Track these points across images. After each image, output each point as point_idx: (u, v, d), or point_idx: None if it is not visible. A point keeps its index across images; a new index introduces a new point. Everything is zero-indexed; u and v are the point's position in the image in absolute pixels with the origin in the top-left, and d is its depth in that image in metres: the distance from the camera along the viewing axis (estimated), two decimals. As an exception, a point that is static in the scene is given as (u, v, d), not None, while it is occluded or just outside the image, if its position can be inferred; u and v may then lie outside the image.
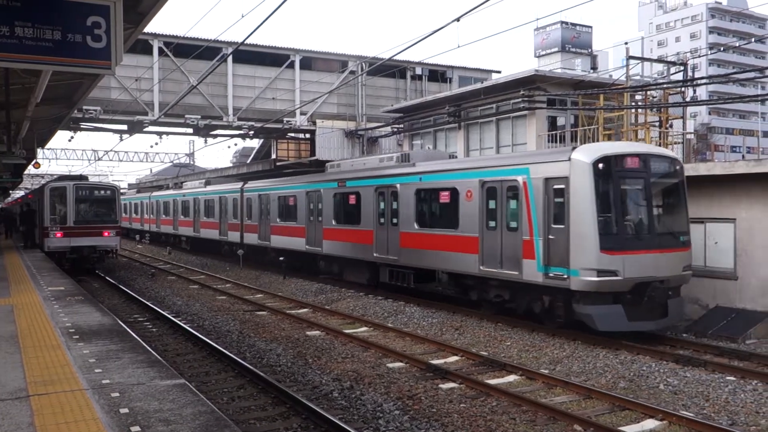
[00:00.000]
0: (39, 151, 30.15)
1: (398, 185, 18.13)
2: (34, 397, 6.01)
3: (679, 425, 8.19)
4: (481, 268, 14.81)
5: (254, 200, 27.85)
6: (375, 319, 15.71)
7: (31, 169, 36.54)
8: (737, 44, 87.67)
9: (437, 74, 37.80)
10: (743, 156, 50.99)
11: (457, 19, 12.86)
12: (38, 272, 17.33)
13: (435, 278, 19.06)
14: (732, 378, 9.98)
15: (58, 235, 23.67)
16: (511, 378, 10.51)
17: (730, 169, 14.52)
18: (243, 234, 28.71)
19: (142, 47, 28.99)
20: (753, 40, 74.88)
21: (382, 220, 18.89)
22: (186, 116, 30.42)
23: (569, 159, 12.65)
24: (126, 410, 5.60)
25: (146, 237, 47.22)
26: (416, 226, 17.33)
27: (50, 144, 39.31)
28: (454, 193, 15.94)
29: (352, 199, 20.48)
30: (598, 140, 21.83)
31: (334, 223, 21.47)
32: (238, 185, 30.01)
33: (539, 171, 13.32)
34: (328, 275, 22.43)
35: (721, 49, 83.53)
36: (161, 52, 29.90)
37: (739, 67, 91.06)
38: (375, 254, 19.00)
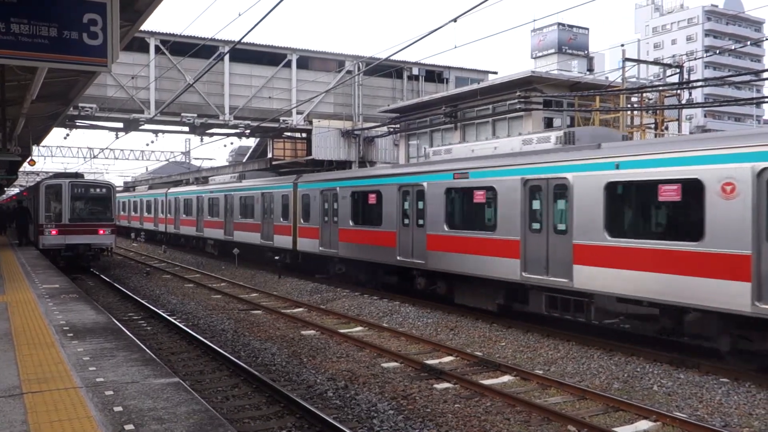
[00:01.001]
0: (34, 148, 30.04)
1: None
2: (28, 395, 5.99)
3: (673, 426, 8.21)
4: None
5: (314, 197, 22.03)
6: (370, 318, 15.71)
7: (26, 167, 36.43)
8: (733, 47, 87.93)
9: (434, 74, 37.85)
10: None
11: (455, 20, 12.88)
12: (33, 270, 17.28)
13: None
14: (725, 380, 10.00)
15: (53, 232, 23.61)
16: (506, 378, 10.53)
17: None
18: (296, 239, 23.34)
19: (139, 45, 28.97)
20: (749, 43, 75.12)
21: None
22: (182, 114, 30.40)
23: None
24: (120, 408, 5.59)
25: (162, 243, 39.44)
26: None
27: (45, 141, 39.20)
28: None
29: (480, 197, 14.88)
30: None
31: (446, 228, 15.72)
32: (290, 179, 24.45)
33: None
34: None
35: (717, 51, 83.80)
36: (158, 50, 29.87)
37: (734, 70, 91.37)
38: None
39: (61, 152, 56.10)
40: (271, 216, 25.21)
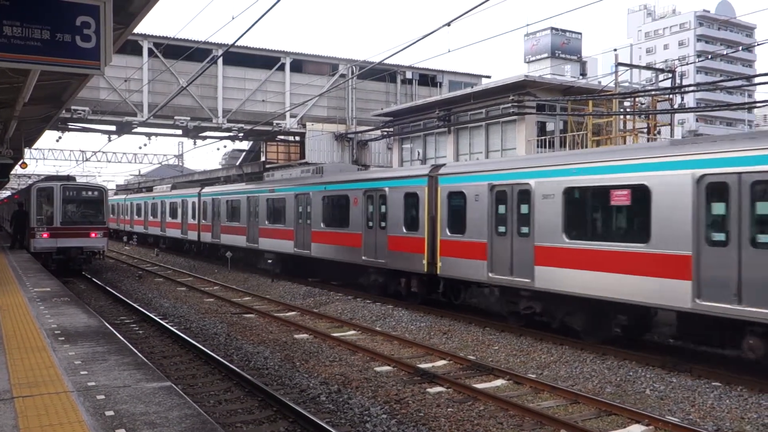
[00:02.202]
0: (26, 151, 29.95)
1: None
2: (19, 399, 5.95)
3: (665, 430, 8.23)
4: None
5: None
6: (363, 322, 15.70)
7: (18, 169, 36.25)
8: (725, 52, 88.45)
9: (427, 78, 37.90)
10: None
11: (448, 24, 12.91)
12: (24, 273, 17.18)
13: None
14: (717, 384, 10.04)
15: (45, 235, 23.50)
16: (499, 382, 10.53)
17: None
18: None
19: (132, 48, 28.89)
20: (740, 48, 75.57)
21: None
22: (175, 118, 30.34)
23: None
24: (111, 413, 5.56)
25: (192, 248, 35.12)
26: None
27: (38, 144, 39.08)
28: None
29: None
30: (586, 146, 21.96)
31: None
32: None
33: None
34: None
35: (709, 57, 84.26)
36: (151, 52, 29.80)
37: (726, 75, 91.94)
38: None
39: (53, 155, 55.91)
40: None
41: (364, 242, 18.68)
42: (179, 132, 33.48)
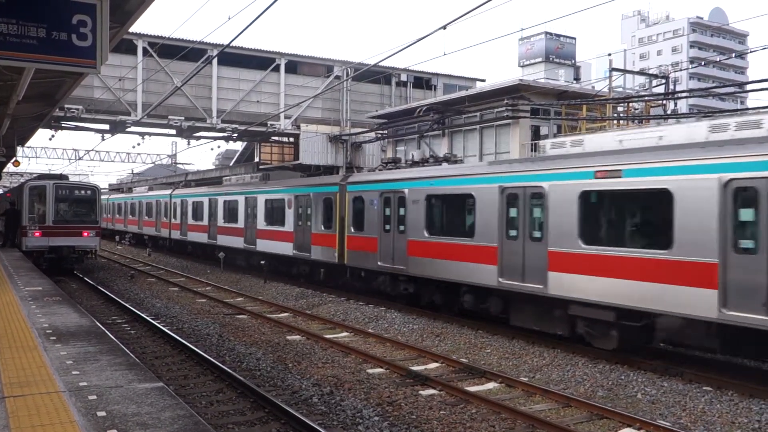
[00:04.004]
0: (19, 149, 29.82)
1: None
2: (10, 399, 5.92)
3: (656, 434, 8.26)
4: None
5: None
6: (356, 324, 15.68)
7: (10, 168, 36.09)
8: (718, 59, 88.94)
9: (422, 81, 37.97)
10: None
11: (444, 27, 12.93)
12: (15, 272, 17.09)
13: None
14: (708, 388, 10.09)
15: (37, 234, 23.38)
16: (491, 385, 10.55)
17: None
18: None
19: (127, 47, 28.82)
20: (733, 55, 76.03)
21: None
22: (169, 117, 30.28)
23: None
24: (103, 413, 5.54)
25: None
26: None
27: (30, 142, 38.84)
28: None
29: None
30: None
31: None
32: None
33: None
34: None
35: (702, 63, 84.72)
36: (146, 52, 29.74)
37: (719, 82, 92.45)
38: None
39: (46, 153, 55.66)
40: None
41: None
42: (173, 132, 33.43)
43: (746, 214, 9.65)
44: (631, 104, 25.22)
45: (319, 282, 21.46)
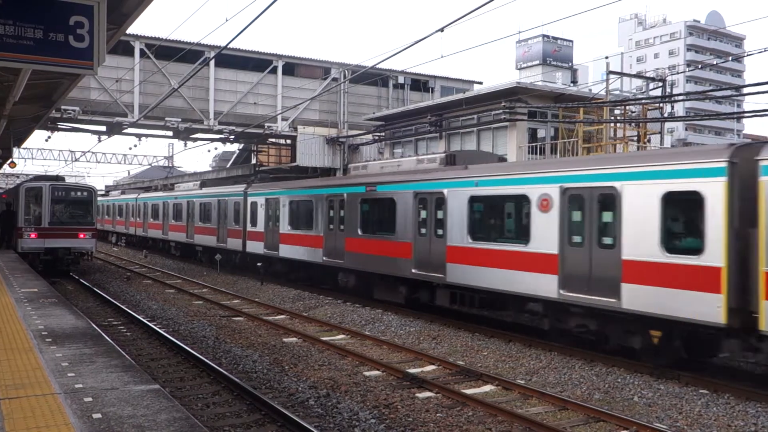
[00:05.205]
0: (15, 150, 29.70)
1: None
2: (5, 401, 5.90)
3: (653, 437, 8.26)
4: None
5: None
6: (352, 326, 15.67)
7: (6, 169, 36.01)
8: (714, 62, 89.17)
9: (419, 83, 37.96)
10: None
11: (441, 30, 12.93)
12: (11, 273, 17.04)
13: None
14: (705, 391, 10.09)
15: (33, 235, 23.31)
16: (488, 388, 10.54)
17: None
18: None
19: (124, 48, 28.77)
20: (730, 58, 76.24)
21: None
22: (166, 119, 30.22)
23: None
24: (99, 415, 5.52)
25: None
26: None
27: (27, 143, 38.81)
28: None
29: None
30: (577, 153, 22.07)
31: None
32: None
33: None
34: None
35: (699, 66, 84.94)
36: (143, 53, 29.69)
37: (715, 85, 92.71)
38: None
39: (42, 155, 55.55)
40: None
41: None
42: (170, 133, 33.37)
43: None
44: (628, 107, 25.25)
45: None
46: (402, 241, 16.78)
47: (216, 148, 45.06)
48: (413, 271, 16.30)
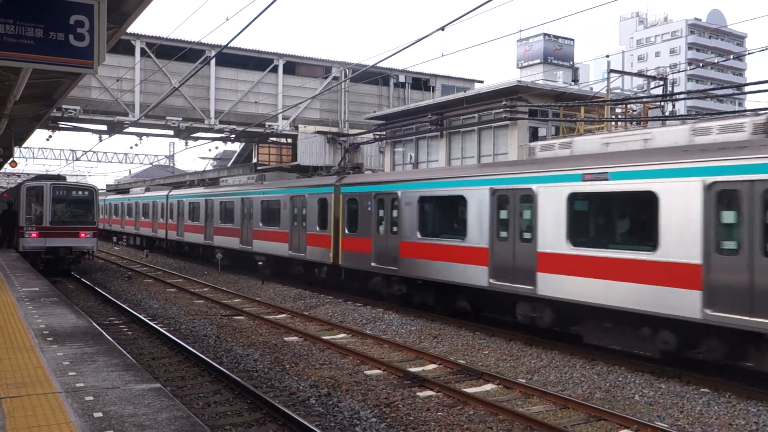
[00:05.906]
0: (16, 149, 29.71)
1: None
2: (6, 400, 5.90)
3: (654, 436, 8.25)
4: None
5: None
6: (353, 325, 15.67)
7: (7, 168, 36.03)
8: (716, 61, 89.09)
9: (420, 82, 37.94)
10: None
11: (442, 28, 12.91)
12: (12, 272, 17.05)
13: None
14: (706, 390, 10.09)
15: (34, 235, 23.33)
16: (489, 387, 10.54)
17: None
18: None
19: (124, 47, 28.78)
20: (731, 57, 76.17)
21: None
22: (167, 118, 30.23)
23: None
24: (100, 414, 5.52)
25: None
26: None
27: (28, 143, 38.80)
28: None
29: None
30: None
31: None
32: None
33: None
34: None
35: (700, 65, 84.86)
36: (143, 52, 29.70)
37: (717, 83, 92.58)
38: None
39: (43, 154, 55.61)
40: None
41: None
42: (171, 132, 33.38)
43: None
44: (629, 106, 25.22)
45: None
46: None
47: (217, 147, 45.08)
48: None
